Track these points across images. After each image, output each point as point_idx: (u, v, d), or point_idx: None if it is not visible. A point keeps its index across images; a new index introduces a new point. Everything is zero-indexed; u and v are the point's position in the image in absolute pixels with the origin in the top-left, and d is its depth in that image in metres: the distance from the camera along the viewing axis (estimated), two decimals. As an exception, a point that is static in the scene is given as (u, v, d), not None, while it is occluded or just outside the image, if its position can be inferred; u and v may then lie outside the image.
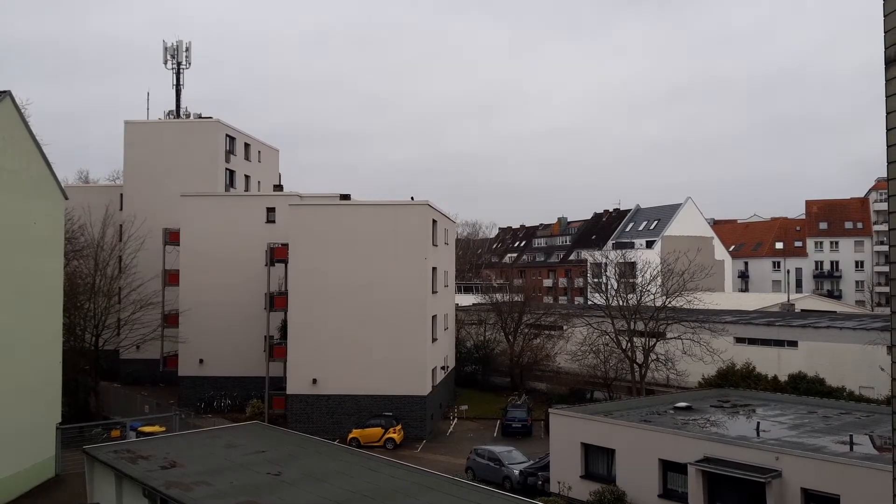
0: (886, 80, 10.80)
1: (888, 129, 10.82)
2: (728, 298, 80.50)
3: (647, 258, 67.26)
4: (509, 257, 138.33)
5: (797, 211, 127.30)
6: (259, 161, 74.66)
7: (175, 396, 55.21)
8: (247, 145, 72.34)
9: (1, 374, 31.68)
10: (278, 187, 69.81)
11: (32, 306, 34.76)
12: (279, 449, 29.02)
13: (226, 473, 25.43)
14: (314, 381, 46.83)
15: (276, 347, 50.36)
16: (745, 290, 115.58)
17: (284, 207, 51.42)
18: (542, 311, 67.79)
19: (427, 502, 21.77)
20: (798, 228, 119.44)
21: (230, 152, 68.84)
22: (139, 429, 40.02)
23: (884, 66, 10.83)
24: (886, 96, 10.76)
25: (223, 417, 50.43)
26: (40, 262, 35.71)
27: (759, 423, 31.78)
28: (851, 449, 27.21)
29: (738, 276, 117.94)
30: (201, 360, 55.00)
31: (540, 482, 34.13)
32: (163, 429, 40.13)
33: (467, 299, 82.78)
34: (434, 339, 49.72)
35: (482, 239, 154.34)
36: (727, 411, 35.85)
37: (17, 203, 33.43)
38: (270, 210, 55.89)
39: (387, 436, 43.79)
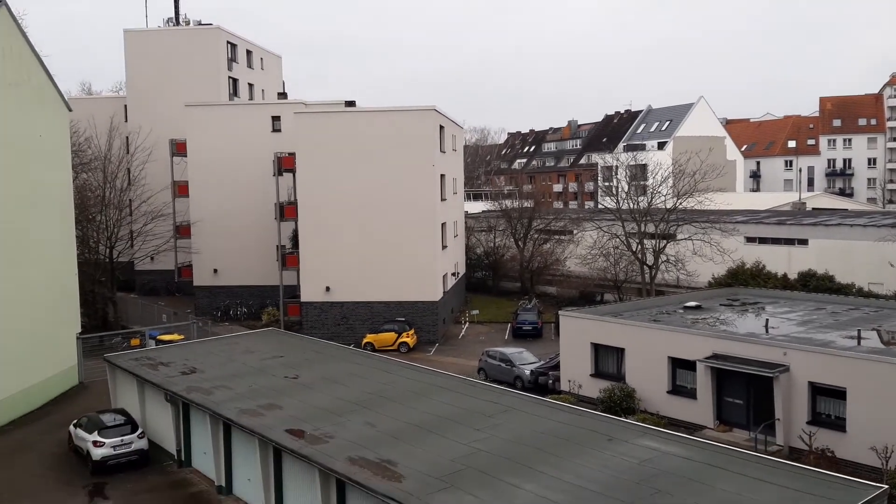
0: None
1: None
2: (739, 198, 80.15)
3: (659, 160, 66.51)
4: (519, 163, 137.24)
5: (811, 108, 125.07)
6: (262, 68, 73.37)
7: (191, 306, 56.16)
8: (248, 52, 70.96)
9: (20, 285, 32.18)
10: (282, 95, 68.77)
11: (45, 219, 34.99)
12: (296, 354, 29.67)
13: (245, 378, 26.10)
14: (327, 288, 47.37)
15: (289, 256, 50.79)
16: (756, 189, 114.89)
17: (290, 116, 50.77)
18: (551, 217, 67.72)
19: (441, 401, 22.35)
20: (811, 126, 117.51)
21: (232, 60, 67.61)
22: (158, 337, 40.85)
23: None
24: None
25: (240, 325, 51.38)
26: (49, 174, 35.71)
27: (767, 320, 32.13)
28: (859, 343, 27.56)
29: (750, 176, 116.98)
30: (215, 270, 55.62)
31: (550, 381, 34.86)
32: (181, 337, 40.96)
33: (477, 206, 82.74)
34: (444, 247, 49.93)
35: (491, 145, 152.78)
36: (736, 309, 36.20)
37: (21, 115, 33.16)
38: (276, 119, 55.27)
39: (400, 340, 44.53)
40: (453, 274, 54.01)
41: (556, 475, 16.35)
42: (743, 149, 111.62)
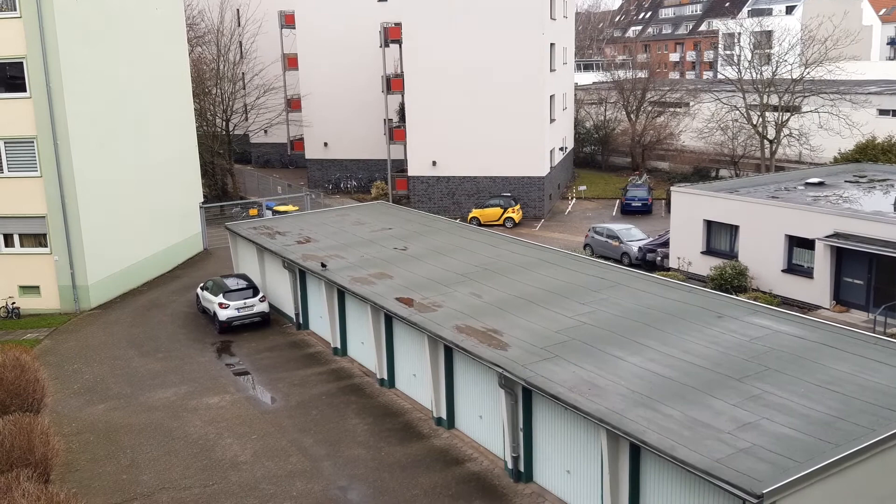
0: None
1: None
2: (874, 67, 74.15)
3: (787, 25, 62.06)
4: (633, 31, 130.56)
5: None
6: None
7: (304, 178, 57.88)
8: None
9: (149, 157, 33.86)
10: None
11: (166, 92, 36.28)
12: (404, 226, 30.33)
13: (356, 248, 27.02)
14: (434, 163, 47.57)
15: (396, 130, 51.04)
16: (893, 58, 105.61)
17: (396, -16, 49.67)
18: (667, 88, 64.76)
19: (546, 275, 22.52)
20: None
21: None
22: (274, 208, 42.54)
23: None
24: None
25: (350, 198, 52.73)
26: (167, 48, 36.69)
27: (897, 198, 30.29)
28: None
29: (888, 44, 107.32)
30: (326, 144, 56.71)
31: (659, 258, 34.37)
32: (296, 208, 42.50)
33: (587, 78, 79.92)
34: (552, 120, 48.85)
35: (604, 11, 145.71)
36: (863, 187, 34.22)
37: (138, -10, 33.86)
38: (382, -13, 54.25)
39: (506, 215, 44.61)
40: (561, 148, 53.07)
41: (661, 349, 16.39)
42: (881, 12, 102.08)
